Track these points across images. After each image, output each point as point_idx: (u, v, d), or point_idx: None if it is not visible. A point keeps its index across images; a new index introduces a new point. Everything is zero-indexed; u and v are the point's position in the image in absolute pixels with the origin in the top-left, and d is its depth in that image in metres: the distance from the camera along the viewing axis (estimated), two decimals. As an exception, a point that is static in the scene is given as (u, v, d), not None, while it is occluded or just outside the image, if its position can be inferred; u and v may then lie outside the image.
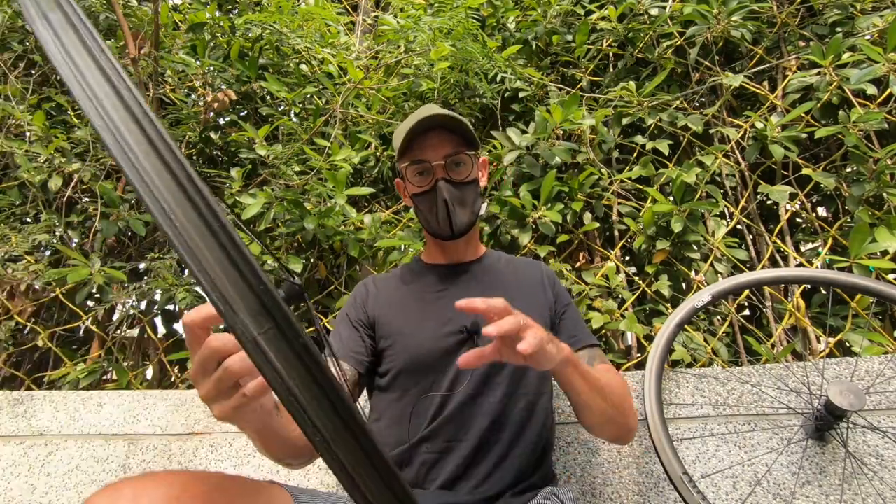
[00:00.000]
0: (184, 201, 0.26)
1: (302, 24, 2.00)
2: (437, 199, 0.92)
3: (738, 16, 1.65)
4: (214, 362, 0.49)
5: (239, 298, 0.26)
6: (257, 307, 0.27)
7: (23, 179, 1.74)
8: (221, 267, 0.26)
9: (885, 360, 1.11)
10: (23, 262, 1.64)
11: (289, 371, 0.27)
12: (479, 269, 1.02)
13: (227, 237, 0.27)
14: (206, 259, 0.26)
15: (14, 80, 1.91)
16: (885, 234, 1.30)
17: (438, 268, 1.03)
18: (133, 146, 0.26)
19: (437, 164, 0.92)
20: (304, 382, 0.27)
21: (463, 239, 0.99)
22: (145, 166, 0.26)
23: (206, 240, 0.26)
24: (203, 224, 0.26)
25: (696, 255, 1.49)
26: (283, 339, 0.27)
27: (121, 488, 0.50)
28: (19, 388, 1.67)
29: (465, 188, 0.94)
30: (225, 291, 0.26)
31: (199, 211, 0.26)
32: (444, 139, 0.93)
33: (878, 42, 1.50)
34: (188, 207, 0.26)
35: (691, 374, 1.20)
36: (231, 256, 0.27)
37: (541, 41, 1.94)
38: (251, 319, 0.27)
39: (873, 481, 1.04)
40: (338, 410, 0.29)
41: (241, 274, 0.27)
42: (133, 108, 0.27)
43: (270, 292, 0.27)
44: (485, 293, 0.94)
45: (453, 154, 0.92)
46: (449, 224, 0.93)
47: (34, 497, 1.31)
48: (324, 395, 0.28)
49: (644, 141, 1.66)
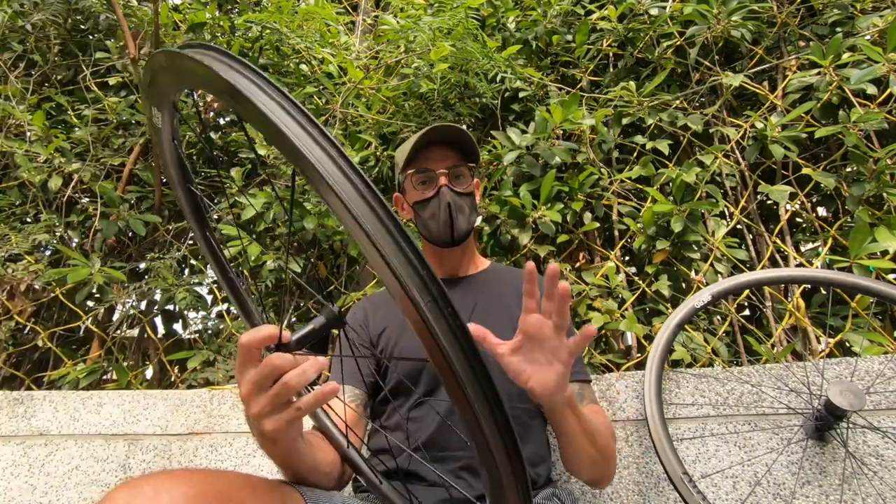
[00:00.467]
0: (369, 213, 0.37)
1: (302, 23, 2.00)
2: (440, 203, 0.96)
3: (738, 16, 1.65)
4: (272, 379, 0.52)
5: (408, 277, 0.36)
6: (420, 284, 0.37)
7: (23, 179, 1.74)
8: (398, 257, 0.37)
9: (885, 360, 1.11)
10: (23, 262, 1.64)
11: (442, 331, 0.37)
12: (475, 283, 1.03)
13: (401, 234, 0.37)
14: (388, 250, 0.36)
15: (14, 80, 1.91)
16: (885, 234, 1.30)
17: None
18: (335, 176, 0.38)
19: (440, 173, 0.97)
20: (448, 338, 0.37)
21: (460, 249, 1.02)
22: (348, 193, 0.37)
23: (386, 237, 0.37)
24: (383, 227, 0.37)
25: (696, 255, 1.49)
26: (437, 310, 0.37)
27: (140, 485, 0.51)
28: (19, 388, 1.67)
29: (464, 198, 0.98)
30: (401, 272, 0.36)
31: (380, 219, 0.38)
32: (447, 153, 0.99)
33: (878, 42, 1.50)
34: (373, 217, 0.38)
35: (691, 374, 1.20)
36: (404, 250, 0.37)
37: (541, 41, 1.94)
38: (418, 292, 0.36)
39: (873, 481, 1.04)
40: (474, 367, 0.38)
41: (410, 261, 0.37)
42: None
43: (431, 274, 0.37)
44: (478, 309, 0.96)
45: (455, 166, 0.98)
46: (450, 228, 0.96)
47: (34, 497, 1.31)
48: (465, 350, 0.38)
49: (644, 141, 1.66)
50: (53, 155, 1.75)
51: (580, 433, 0.76)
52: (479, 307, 0.97)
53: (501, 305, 0.98)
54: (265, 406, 0.53)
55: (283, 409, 0.54)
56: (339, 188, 0.37)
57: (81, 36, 2.12)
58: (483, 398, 0.39)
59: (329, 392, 0.54)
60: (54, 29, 2.04)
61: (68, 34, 2.08)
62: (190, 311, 1.73)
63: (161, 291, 1.64)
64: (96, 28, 2.10)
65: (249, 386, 0.53)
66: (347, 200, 0.37)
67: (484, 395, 0.39)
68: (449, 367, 0.37)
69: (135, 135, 1.93)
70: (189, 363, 1.52)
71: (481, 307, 0.97)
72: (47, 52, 2.02)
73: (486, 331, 0.69)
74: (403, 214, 1.06)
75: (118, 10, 1.73)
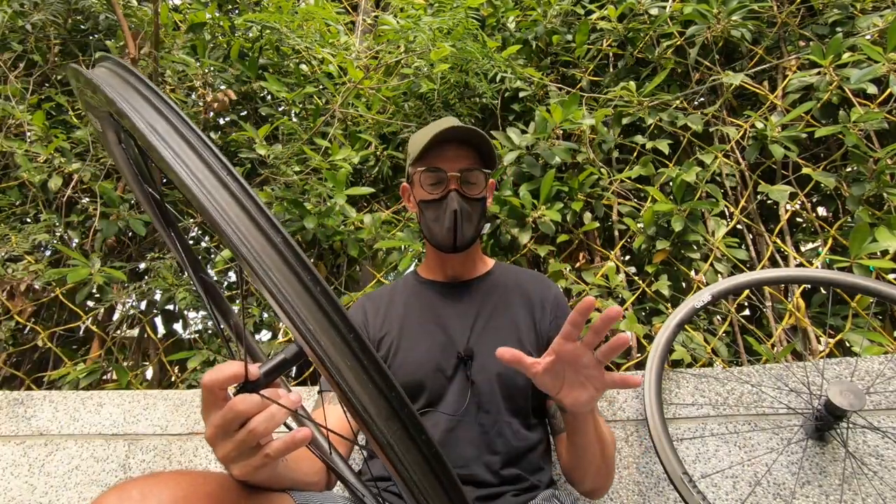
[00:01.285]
0: (323, 321, 0.32)
1: (302, 23, 2.00)
2: (446, 208, 0.91)
3: (737, 15, 1.65)
4: (237, 423, 0.49)
5: (373, 405, 0.32)
6: (388, 412, 0.33)
7: (23, 179, 1.74)
8: (358, 380, 0.32)
9: (885, 360, 1.11)
10: (23, 262, 1.64)
11: (410, 462, 0.34)
12: (477, 288, 1.00)
13: (361, 349, 0.33)
14: (348, 377, 0.32)
15: (14, 80, 1.91)
16: (886, 234, 1.30)
17: (436, 285, 1.01)
18: (276, 273, 0.32)
19: (451, 175, 0.92)
20: (422, 470, 0.34)
21: (463, 254, 0.98)
22: (287, 292, 0.32)
23: (342, 349, 0.32)
24: (337, 334, 0.32)
25: (696, 255, 1.49)
26: (408, 437, 0.33)
27: (128, 489, 0.50)
28: (19, 388, 1.67)
29: (474, 204, 0.93)
30: (363, 400, 0.32)
31: (332, 323, 0.32)
32: (462, 153, 0.93)
33: (879, 42, 1.50)
34: (328, 327, 0.32)
35: (691, 374, 1.20)
36: (365, 368, 0.32)
37: (541, 41, 1.94)
38: (384, 423, 0.32)
39: (873, 481, 1.04)
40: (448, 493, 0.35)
41: (374, 383, 0.32)
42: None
43: (401, 398, 0.33)
44: (482, 318, 0.94)
45: (469, 169, 0.92)
46: (453, 236, 0.92)
47: (34, 497, 1.31)
48: (439, 480, 0.35)
49: (644, 141, 1.66)
50: (53, 155, 1.75)
51: (595, 441, 0.76)
52: (483, 316, 0.94)
53: (506, 312, 0.96)
54: (231, 451, 0.50)
55: (250, 454, 0.51)
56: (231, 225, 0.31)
57: (81, 36, 2.12)
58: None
59: (301, 439, 0.49)
60: (54, 29, 2.03)
61: (68, 34, 2.08)
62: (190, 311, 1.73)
63: (161, 291, 1.64)
64: (96, 28, 2.10)
65: (213, 430, 0.49)
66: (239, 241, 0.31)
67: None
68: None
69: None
70: (189, 363, 1.52)
71: (485, 316, 0.94)
72: (47, 52, 2.02)
73: (520, 354, 0.66)
74: (409, 207, 1.02)
75: (118, 10, 1.73)
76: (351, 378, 0.32)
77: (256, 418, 0.48)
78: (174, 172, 0.31)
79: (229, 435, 0.49)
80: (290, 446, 0.50)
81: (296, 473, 0.68)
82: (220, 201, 0.31)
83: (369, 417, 0.32)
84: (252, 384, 0.48)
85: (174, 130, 0.33)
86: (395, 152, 1.88)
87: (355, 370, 0.32)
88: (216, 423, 0.49)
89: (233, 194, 0.32)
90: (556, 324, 0.95)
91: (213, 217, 0.31)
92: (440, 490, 0.35)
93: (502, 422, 0.87)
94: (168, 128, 0.33)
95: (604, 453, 0.79)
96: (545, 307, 0.97)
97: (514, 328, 0.94)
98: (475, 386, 0.88)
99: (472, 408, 0.87)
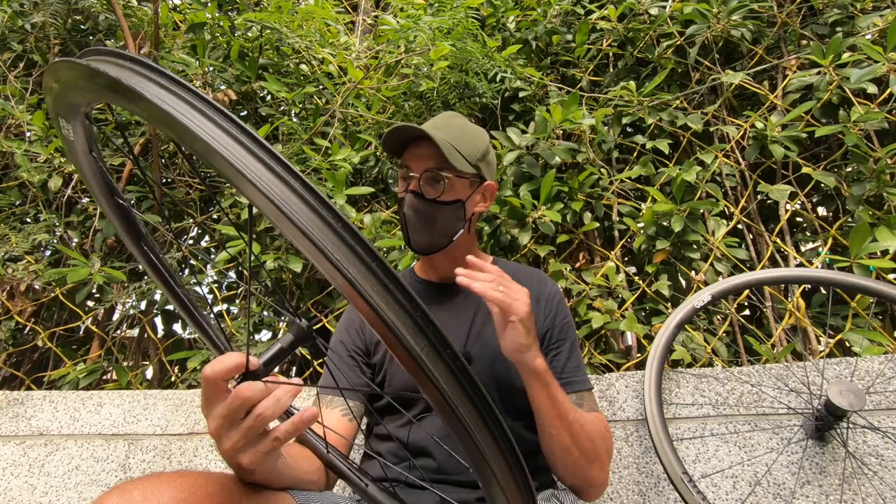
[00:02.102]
0: (349, 253, 0.34)
1: (302, 23, 2.00)
2: (403, 208, 0.89)
3: (737, 15, 1.65)
4: (244, 411, 0.49)
5: (401, 323, 0.35)
6: (415, 328, 0.35)
7: (23, 179, 1.74)
8: (386, 303, 0.34)
9: (885, 360, 1.11)
10: (23, 262, 1.64)
11: (441, 374, 0.36)
12: None
13: (383, 268, 0.35)
14: (372, 291, 0.34)
15: (14, 80, 1.91)
16: (886, 234, 1.30)
17: (431, 286, 1.00)
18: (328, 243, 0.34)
19: (413, 176, 0.88)
20: (449, 381, 0.36)
21: (445, 255, 0.93)
22: (338, 255, 0.33)
23: (366, 275, 0.34)
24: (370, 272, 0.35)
25: (696, 255, 1.49)
26: (435, 352, 0.36)
27: (129, 490, 0.50)
28: (19, 388, 1.67)
29: (435, 206, 0.88)
30: (393, 319, 0.34)
31: (370, 268, 0.35)
32: (432, 153, 0.87)
33: (879, 41, 1.50)
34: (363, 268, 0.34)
35: (691, 374, 1.20)
36: (390, 289, 0.35)
37: (541, 41, 1.94)
38: (413, 339, 0.35)
39: (873, 481, 1.04)
40: (479, 408, 0.38)
41: (400, 303, 0.35)
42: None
43: (426, 315, 0.35)
44: (479, 319, 0.92)
45: (432, 170, 0.87)
46: (406, 237, 0.90)
47: (34, 497, 1.31)
48: (468, 392, 0.37)
49: (644, 140, 1.66)
50: (53, 155, 1.75)
51: (554, 417, 0.75)
52: (479, 319, 0.93)
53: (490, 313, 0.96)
54: (239, 440, 0.50)
55: (258, 441, 0.51)
56: (276, 197, 0.32)
57: (81, 36, 2.12)
58: (488, 433, 0.38)
59: (308, 418, 0.50)
60: (54, 29, 2.03)
61: (68, 34, 2.08)
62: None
63: (161, 291, 1.64)
64: (96, 28, 2.10)
65: (219, 421, 0.49)
66: (294, 216, 0.32)
67: (489, 430, 0.38)
68: (453, 413, 0.36)
69: (134, 135, 1.93)
70: (189, 363, 1.52)
71: (481, 319, 0.93)
72: (47, 52, 2.02)
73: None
74: None
75: (118, 10, 1.73)
76: (379, 300, 0.34)
77: (263, 403, 0.49)
78: (192, 133, 0.33)
79: (235, 424, 0.50)
80: (299, 426, 0.51)
81: (295, 471, 0.68)
82: (242, 160, 0.33)
83: (401, 333, 0.34)
84: (253, 374, 0.49)
85: (182, 100, 0.35)
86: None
87: (382, 294, 0.34)
88: (222, 413, 0.49)
89: (250, 151, 0.33)
90: (552, 322, 0.93)
91: (234, 167, 0.32)
92: (468, 401, 0.37)
93: (515, 411, 0.87)
94: (176, 100, 0.35)
95: (574, 438, 0.76)
96: (540, 304, 0.95)
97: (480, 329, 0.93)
98: None
99: None
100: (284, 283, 1.67)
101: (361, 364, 0.94)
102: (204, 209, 1.94)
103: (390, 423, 0.90)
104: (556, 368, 0.89)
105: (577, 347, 0.94)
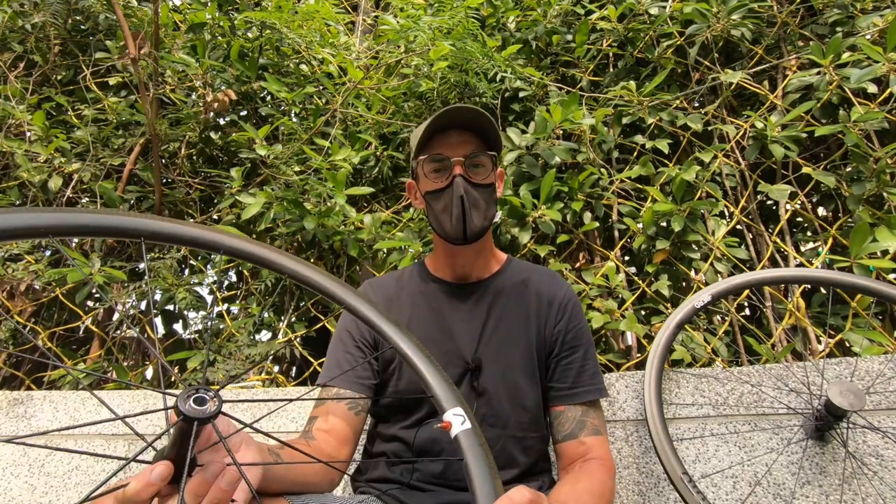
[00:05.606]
0: None
1: (302, 23, 2.00)
2: (453, 195, 0.86)
3: (737, 15, 1.65)
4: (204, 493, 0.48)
5: None
6: None
7: (23, 179, 1.74)
8: None
9: (885, 360, 1.11)
10: (23, 262, 1.64)
11: None
12: (488, 291, 0.94)
13: None
14: None
15: (14, 80, 1.91)
16: (886, 234, 1.30)
17: (444, 284, 0.96)
18: None
19: (455, 161, 0.87)
20: None
21: (473, 249, 0.93)
22: None
23: None
24: None
25: (696, 255, 1.49)
26: None
27: None
28: (19, 388, 1.67)
29: (482, 190, 0.88)
30: None
31: None
32: (466, 138, 0.89)
33: (879, 41, 1.50)
34: None
35: (691, 374, 1.20)
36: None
37: (541, 41, 1.94)
38: None
39: (873, 481, 1.04)
40: None
41: None
42: None
43: None
44: (490, 325, 0.90)
45: (473, 154, 0.88)
46: (462, 224, 0.86)
47: (34, 497, 1.31)
48: None
49: (644, 140, 1.66)
50: (53, 155, 1.75)
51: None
52: (491, 323, 0.91)
53: (515, 317, 0.92)
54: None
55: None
56: None
57: (81, 36, 2.12)
58: None
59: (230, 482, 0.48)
60: (54, 29, 2.04)
61: (68, 34, 2.09)
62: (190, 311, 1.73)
63: (161, 291, 1.64)
64: (96, 28, 2.10)
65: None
66: None
67: None
68: None
69: (135, 135, 1.93)
70: (189, 363, 1.52)
71: (493, 322, 0.91)
72: (47, 52, 2.02)
73: None
74: (416, 204, 0.98)
75: (118, 11, 1.73)
76: None
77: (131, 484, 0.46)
78: None
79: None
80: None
81: (293, 472, 0.67)
82: None
83: None
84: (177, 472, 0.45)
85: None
86: (395, 152, 1.88)
87: None
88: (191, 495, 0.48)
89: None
90: (564, 326, 0.92)
91: None
92: None
93: (506, 437, 0.85)
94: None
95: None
96: (552, 308, 0.93)
97: (522, 334, 0.91)
98: (482, 397, 0.86)
99: (477, 410, 0.85)
100: (284, 282, 1.68)
101: (369, 355, 0.91)
102: (204, 209, 1.94)
103: (394, 424, 0.89)
104: (568, 377, 0.88)
105: (592, 354, 0.92)
